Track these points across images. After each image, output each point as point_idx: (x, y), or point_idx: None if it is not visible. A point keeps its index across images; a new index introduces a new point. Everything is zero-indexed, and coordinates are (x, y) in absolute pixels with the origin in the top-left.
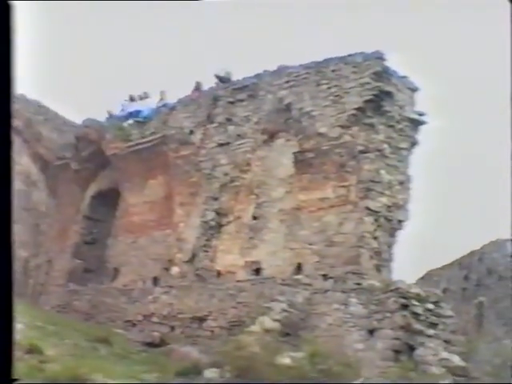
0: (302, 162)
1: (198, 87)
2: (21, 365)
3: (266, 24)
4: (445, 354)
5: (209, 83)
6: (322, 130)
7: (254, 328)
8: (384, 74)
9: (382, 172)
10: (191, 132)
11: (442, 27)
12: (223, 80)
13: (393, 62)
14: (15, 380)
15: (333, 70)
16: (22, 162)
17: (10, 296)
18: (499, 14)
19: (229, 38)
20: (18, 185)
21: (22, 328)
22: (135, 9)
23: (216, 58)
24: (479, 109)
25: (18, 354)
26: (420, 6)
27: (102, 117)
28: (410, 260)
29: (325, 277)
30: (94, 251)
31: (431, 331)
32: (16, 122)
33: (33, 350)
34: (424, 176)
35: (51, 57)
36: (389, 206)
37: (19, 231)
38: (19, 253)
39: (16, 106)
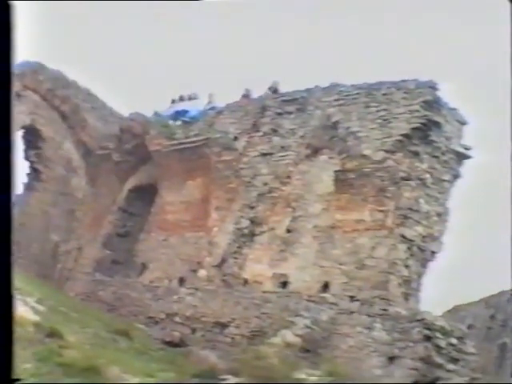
0: (342, 182)
1: (247, 94)
2: (40, 348)
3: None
4: None
5: (259, 88)
6: (367, 151)
7: (275, 340)
8: (434, 104)
9: (421, 201)
10: (235, 138)
11: None
12: (273, 90)
13: (444, 92)
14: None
15: (384, 94)
16: (64, 147)
17: (10, 296)
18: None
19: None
20: (58, 170)
21: (45, 311)
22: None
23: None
24: None
25: (38, 336)
26: None
27: (148, 113)
28: (439, 292)
29: (351, 298)
30: (125, 244)
31: (451, 366)
32: (64, 107)
33: (54, 334)
34: (462, 209)
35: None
36: (424, 236)
37: (54, 215)
38: (51, 236)
39: (66, 92)
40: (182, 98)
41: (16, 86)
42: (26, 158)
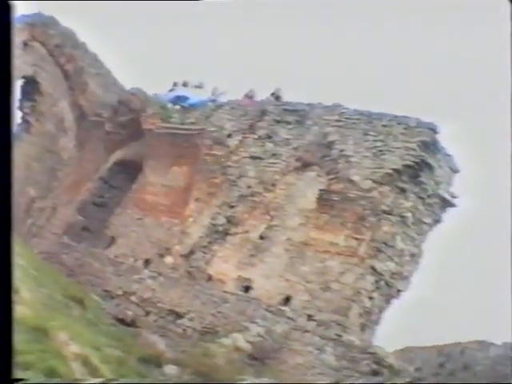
0: (325, 201)
1: (250, 95)
2: None
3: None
4: None
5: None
6: (355, 177)
7: (226, 342)
8: (431, 146)
9: (398, 238)
10: (229, 135)
11: None
12: (275, 97)
13: (443, 136)
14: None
15: (384, 125)
16: (60, 105)
17: (10, 297)
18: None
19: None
20: (49, 126)
21: None
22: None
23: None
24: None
25: None
26: None
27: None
28: (395, 329)
29: (309, 317)
30: (99, 214)
31: None
32: (68, 66)
33: None
34: (436, 251)
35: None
36: (393, 273)
37: (36, 170)
38: (28, 190)
39: (74, 52)
40: (185, 84)
41: (24, 35)
42: (20, 108)
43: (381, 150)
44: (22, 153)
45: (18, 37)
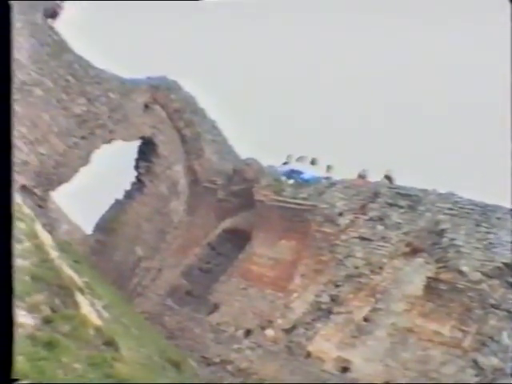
0: (432, 289)
1: (363, 175)
2: (95, 353)
3: None
4: None
5: None
6: (464, 268)
7: None
8: None
9: (504, 334)
10: (340, 214)
11: None
12: (388, 178)
13: None
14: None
15: (498, 218)
16: (174, 168)
17: (10, 299)
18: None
19: None
20: (162, 188)
21: (108, 318)
22: None
23: None
24: None
25: (96, 341)
26: None
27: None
28: None
29: None
30: (204, 280)
31: None
32: (186, 131)
33: (111, 343)
34: None
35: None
36: (495, 369)
37: (145, 230)
38: (136, 250)
39: (193, 117)
40: (301, 159)
41: (146, 97)
42: (136, 167)
43: (492, 243)
44: (133, 212)
45: (140, 98)
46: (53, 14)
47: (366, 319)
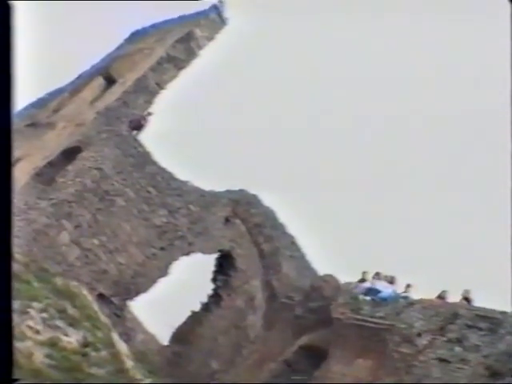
0: None
1: (442, 296)
2: None
3: None
4: None
5: None
6: None
7: None
8: None
9: None
10: (419, 334)
11: None
12: (465, 298)
13: None
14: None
15: None
16: (252, 283)
17: (10, 300)
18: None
19: None
20: (239, 302)
21: None
22: None
23: None
24: None
25: None
26: None
27: None
28: None
29: None
30: None
31: None
32: (265, 246)
33: None
34: None
35: None
36: None
37: (221, 343)
38: (211, 363)
39: (272, 232)
40: (378, 277)
41: (227, 211)
42: (214, 280)
43: None
44: (209, 325)
45: (220, 211)
46: (138, 126)
47: None
